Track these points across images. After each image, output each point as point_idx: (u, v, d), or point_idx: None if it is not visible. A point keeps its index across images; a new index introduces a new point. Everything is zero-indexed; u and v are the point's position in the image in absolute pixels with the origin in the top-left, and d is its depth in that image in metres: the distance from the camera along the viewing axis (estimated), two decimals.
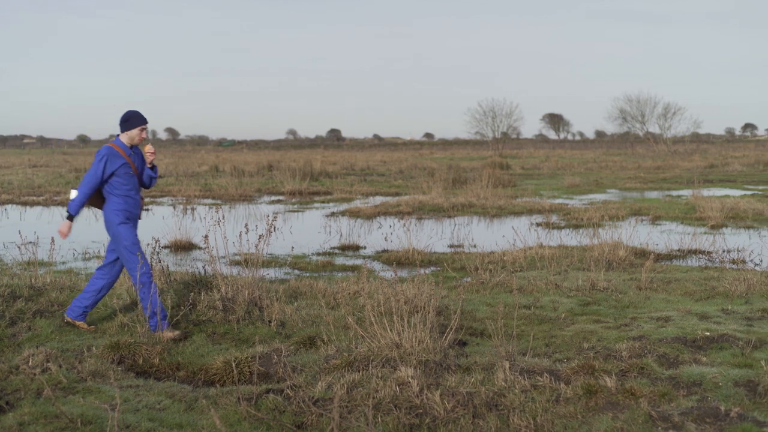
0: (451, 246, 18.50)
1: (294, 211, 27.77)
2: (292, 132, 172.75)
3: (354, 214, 25.93)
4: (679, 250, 16.98)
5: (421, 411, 6.87)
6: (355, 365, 8.04)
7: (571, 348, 9.24)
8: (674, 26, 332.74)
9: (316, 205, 30.24)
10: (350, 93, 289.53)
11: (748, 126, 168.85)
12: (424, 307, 9.35)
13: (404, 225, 20.21)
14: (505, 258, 15.46)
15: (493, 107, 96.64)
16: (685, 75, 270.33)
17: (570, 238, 19.52)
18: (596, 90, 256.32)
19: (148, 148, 10.16)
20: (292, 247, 16.42)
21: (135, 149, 10.03)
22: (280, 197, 33.95)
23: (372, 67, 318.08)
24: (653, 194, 33.36)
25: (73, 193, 9.82)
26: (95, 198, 9.96)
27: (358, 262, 16.26)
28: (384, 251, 17.39)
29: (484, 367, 8.00)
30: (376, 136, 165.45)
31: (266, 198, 33.83)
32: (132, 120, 9.90)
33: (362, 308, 9.81)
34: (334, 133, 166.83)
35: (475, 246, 17.97)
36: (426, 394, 7.06)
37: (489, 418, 6.80)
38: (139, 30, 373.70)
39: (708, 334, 9.59)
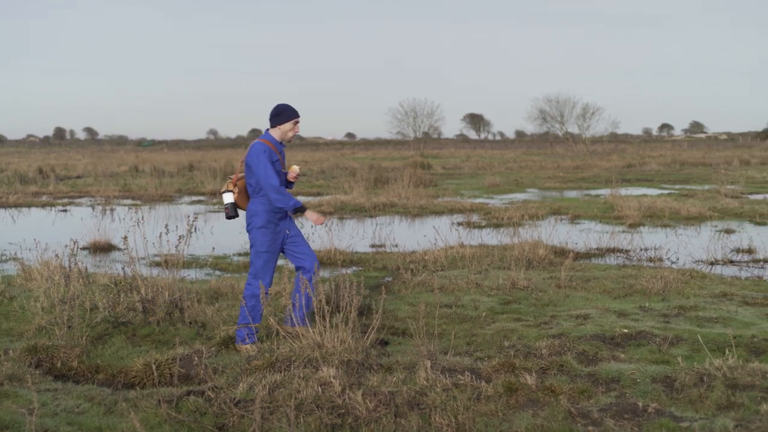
0: (372, 246, 18.53)
1: (215, 212, 27.59)
2: (213, 132, 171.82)
3: None
4: (597, 249, 17.19)
5: (343, 411, 6.87)
6: (276, 366, 8.02)
7: (492, 346, 9.31)
8: (592, 28, 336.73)
9: None
10: (271, 93, 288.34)
11: (665, 126, 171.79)
12: (345, 307, 9.34)
13: (326, 225, 20.19)
14: (426, 257, 15.51)
15: (415, 107, 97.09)
16: (603, 76, 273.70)
17: (491, 237, 19.66)
18: (517, 90, 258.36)
19: (294, 170, 9.68)
20: (213, 248, 16.30)
21: (282, 146, 9.59)
22: (201, 197, 33.73)
23: (293, 67, 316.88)
24: (572, 194, 33.73)
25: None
26: (242, 196, 9.57)
27: (280, 262, 16.19)
28: None
29: (405, 367, 8.02)
30: (297, 136, 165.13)
31: (187, 198, 33.60)
32: (285, 113, 9.44)
33: (284, 309, 9.78)
34: (256, 133, 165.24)
35: (396, 245, 18.03)
36: (348, 394, 7.06)
37: (411, 417, 6.82)
38: (60, 28, 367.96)
39: (626, 331, 9.74)
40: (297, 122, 9.49)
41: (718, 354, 8.48)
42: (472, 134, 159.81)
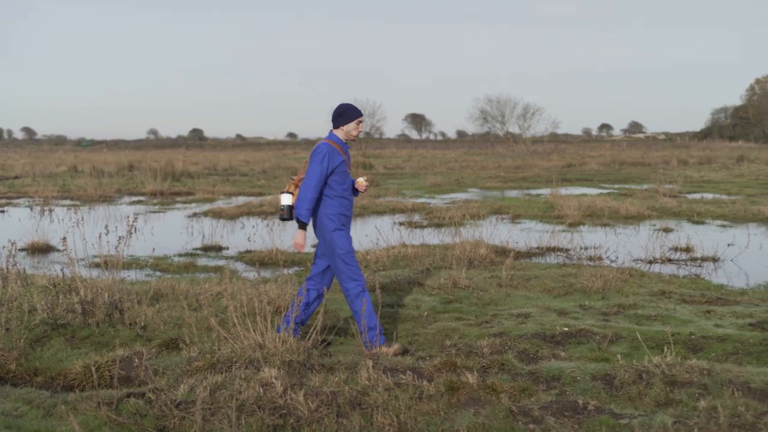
0: (314, 246, 18.46)
1: (155, 212, 27.40)
2: (154, 132, 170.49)
3: (217, 214, 25.72)
4: (538, 248, 17.31)
5: (285, 411, 6.85)
6: (218, 367, 7.97)
7: (433, 345, 9.35)
8: (533, 29, 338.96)
9: (178, 205, 29.89)
10: (213, 92, 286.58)
11: (604, 126, 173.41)
12: (287, 308, 9.32)
13: (268, 225, 20.12)
14: (368, 257, 15.52)
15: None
16: (543, 76, 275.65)
17: (432, 236, 19.71)
18: (458, 90, 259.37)
19: (363, 181, 9.44)
20: (154, 249, 16.18)
21: (347, 146, 9.38)
22: (141, 198, 33.46)
23: (234, 66, 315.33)
24: (513, 193, 33.92)
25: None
26: None
27: (221, 262, 16.13)
28: (247, 252, 17.30)
29: (347, 366, 8.02)
30: (239, 136, 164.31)
31: (127, 199, 33.30)
32: (348, 113, 9.22)
33: (225, 309, 9.73)
34: (197, 133, 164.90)
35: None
36: (290, 395, 7.04)
37: (353, 417, 6.82)
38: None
39: (566, 329, 9.82)
40: (360, 121, 9.31)
41: (656, 351, 8.58)
42: (414, 134, 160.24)
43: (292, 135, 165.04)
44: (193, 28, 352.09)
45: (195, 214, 26.05)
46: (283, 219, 9.13)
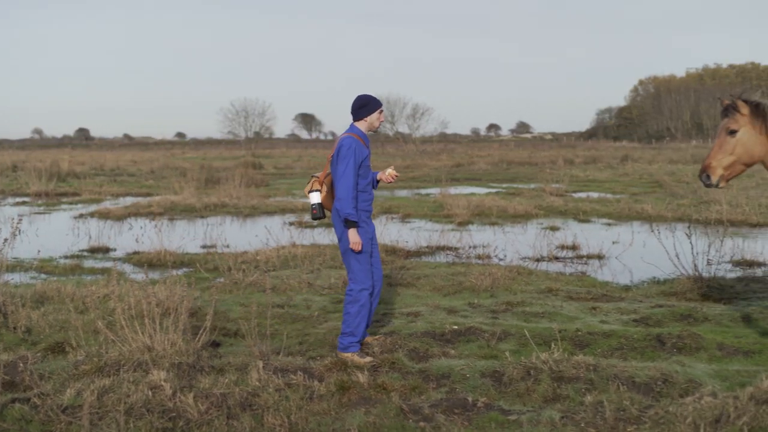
0: (204, 246, 18.34)
1: (40, 213, 26.85)
2: (38, 131, 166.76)
3: (104, 215, 25.31)
4: (428, 247, 17.41)
5: (174, 414, 6.78)
6: (105, 370, 7.85)
7: (324, 345, 9.35)
8: (422, 29, 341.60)
9: (63, 206, 29.33)
10: (99, 91, 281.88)
11: (493, 126, 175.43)
12: (176, 309, 9.21)
13: (156, 226, 19.87)
14: (258, 257, 15.44)
15: (246, 107, 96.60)
16: (432, 76, 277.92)
17: (322, 236, 19.70)
18: (348, 90, 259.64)
19: (391, 172, 9.21)
20: (39, 251, 15.85)
21: (368, 139, 9.07)
22: (26, 198, 32.75)
23: (121, 65, 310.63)
24: (403, 193, 34.08)
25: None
26: (327, 197, 9.04)
27: (108, 264, 15.87)
28: (135, 253, 17.05)
29: (238, 368, 7.98)
30: (126, 136, 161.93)
31: (10, 200, 32.55)
32: (370, 104, 8.95)
33: (113, 312, 9.57)
34: (83, 133, 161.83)
35: (228, 246, 17.87)
36: (179, 397, 6.97)
37: (243, 418, 6.79)
38: None
39: (456, 327, 9.91)
40: (382, 111, 9.10)
41: (544, 348, 8.71)
42: (304, 134, 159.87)
43: (180, 135, 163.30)
44: (77, 25, 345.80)
45: (81, 215, 25.60)
46: (316, 218, 8.98)
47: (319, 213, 8.93)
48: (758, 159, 9.32)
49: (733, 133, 9.17)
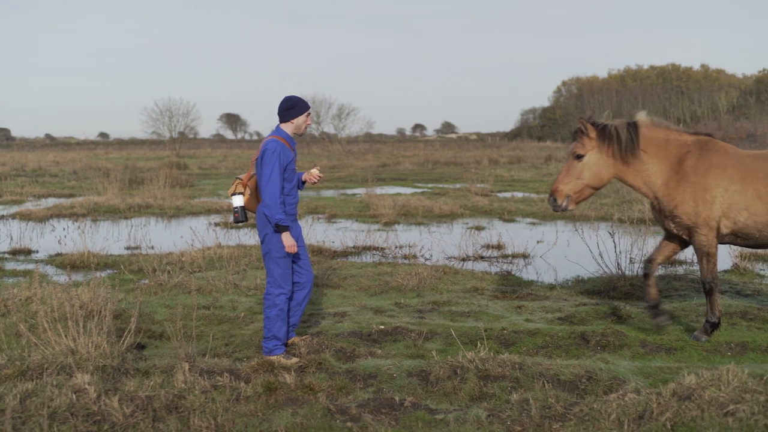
0: (128, 248, 18.13)
1: None
2: None
3: (25, 216, 24.89)
4: (354, 247, 17.41)
5: (99, 418, 6.70)
6: (28, 374, 7.74)
7: (251, 346, 9.32)
8: (345, 29, 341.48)
9: None
10: (20, 91, 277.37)
11: (418, 126, 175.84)
12: (100, 312, 9.12)
13: (79, 227, 19.63)
14: (183, 259, 15.32)
15: (170, 107, 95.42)
16: (357, 77, 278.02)
17: (248, 237, 19.59)
18: (272, 90, 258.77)
19: (315, 172, 9.11)
20: None
21: (295, 142, 8.96)
22: None
23: (44, 64, 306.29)
24: (329, 193, 34.05)
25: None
26: (251, 199, 8.90)
27: (30, 266, 15.62)
28: (58, 255, 16.81)
29: (163, 370, 7.92)
30: (48, 136, 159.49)
31: None
32: (298, 106, 8.85)
33: (35, 314, 9.44)
34: (4, 133, 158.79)
35: (152, 247, 17.70)
36: (104, 400, 6.89)
37: (169, 421, 6.73)
38: None
39: (383, 327, 9.94)
40: (309, 114, 9.04)
41: (470, 347, 8.77)
42: (229, 134, 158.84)
43: (104, 135, 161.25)
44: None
45: (2, 217, 25.16)
46: (238, 221, 8.89)
47: (241, 216, 8.88)
48: (608, 181, 9.56)
49: (579, 157, 9.33)
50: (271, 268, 8.76)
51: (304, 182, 9.17)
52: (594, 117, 9.70)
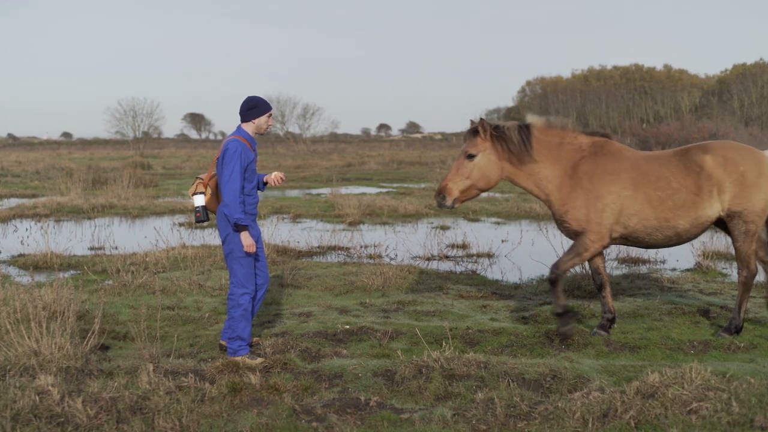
0: (91, 248, 18.02)
1: None
2: None
3: None
4: (319, 247, 17.40)
5: (62, 420, 6.66)
6: None
7: (215, 347, 9.30)
8: (309, 29, 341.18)
9: None
10: None
11: (383, 126, 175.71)
12: (63, 313, 9.06)
13: (42, 227, 19.49)
14: (147, 259, 15.25)
15: (134, 106, 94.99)
16: (322, 77, 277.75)
17: (213, 237, 19.52)
18: (239, 89, 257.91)
19: (278, 174, 9.08)
20: None
21: (256, 142, 8.94)
22: None
23: (6, 63, 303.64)
24: (294, 193, 33.99)
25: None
26: (212, 199, 8.86)
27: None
28: (20, 255, 16.67)
29: (127, 371, 7.89)
30: (10, 136, 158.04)
31: None
32: (259, 106, 8.81)
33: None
34: None
35: (116, 248, 17.59)
36: (68, 402, 6.85)
37: (134, 422, 6.70)
38: None
39: (348, 327, 9.95)
40: (270, 115, 9.00)
41: (435, 346, 8.79)
42: (194, 134, 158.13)
43: (67, 134, 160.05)
44: None
45: None
46: (199, 221, 8.87)
47: (202, 216, 8.87)
48: (495, 183, 9.47)
49: (471, 157, 9.28)
50: (234, 269, 8.75)
51: (265, 183, 9.17)
52: (489, 119, 9.62)
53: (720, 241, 16.26)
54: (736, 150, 9.51)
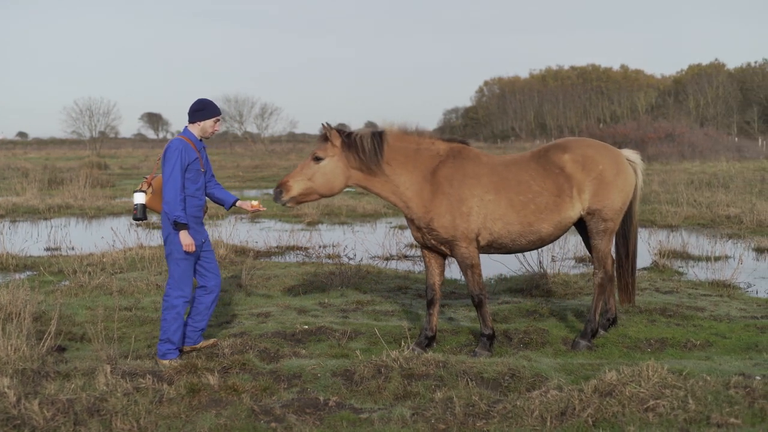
0: (48, 249, 17.88)
1: None
2: None
3: None
4: (278, 247, 17.38)
5: (19, 422, 6.60)
6: None
7: None
8: (265, 29, 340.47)
9: None
10: None
11: (342, 126, 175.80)
12: (19, 314, 8.99)
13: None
14: (104, 260, 15.16)
15: (90, 106, 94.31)
16: (280, 76, 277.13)
17: None
18: (197, 89, 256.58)
19: (255, 204, 9.14)
20: None
21: (203, 144, 8.93)
22: None
23: None
24: (252, 193, 33.92)
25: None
26: (155, 198, 8.80)
27: None
28: None
29: (84, 373, 7.84)
30: None
31: None
32: (207, 109, 8.80)
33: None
34: None
35: (73, 248, 17.47)
36: (24, 404, 6.79)
37: (91, 424, 6.66)
38: None
39: (306, 327, 9.95)
40: (218, 120, 8.98)
41: (394, 346, 8.81)
42: (151, 134, 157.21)
43: (22, 134, 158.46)
44: None
45: None
46: (136, 219, 8.86)
47: (140, 214, 8.90)
48: (339, 190, 9.18)
49: (318, 159, 9.09)
50: (172, 270, 8.76)
51: (234, 204, 9.21)
52: (342, 126, 9.47)
53: (676, 240, 16.40)
54: (595, 148, 9.50)
